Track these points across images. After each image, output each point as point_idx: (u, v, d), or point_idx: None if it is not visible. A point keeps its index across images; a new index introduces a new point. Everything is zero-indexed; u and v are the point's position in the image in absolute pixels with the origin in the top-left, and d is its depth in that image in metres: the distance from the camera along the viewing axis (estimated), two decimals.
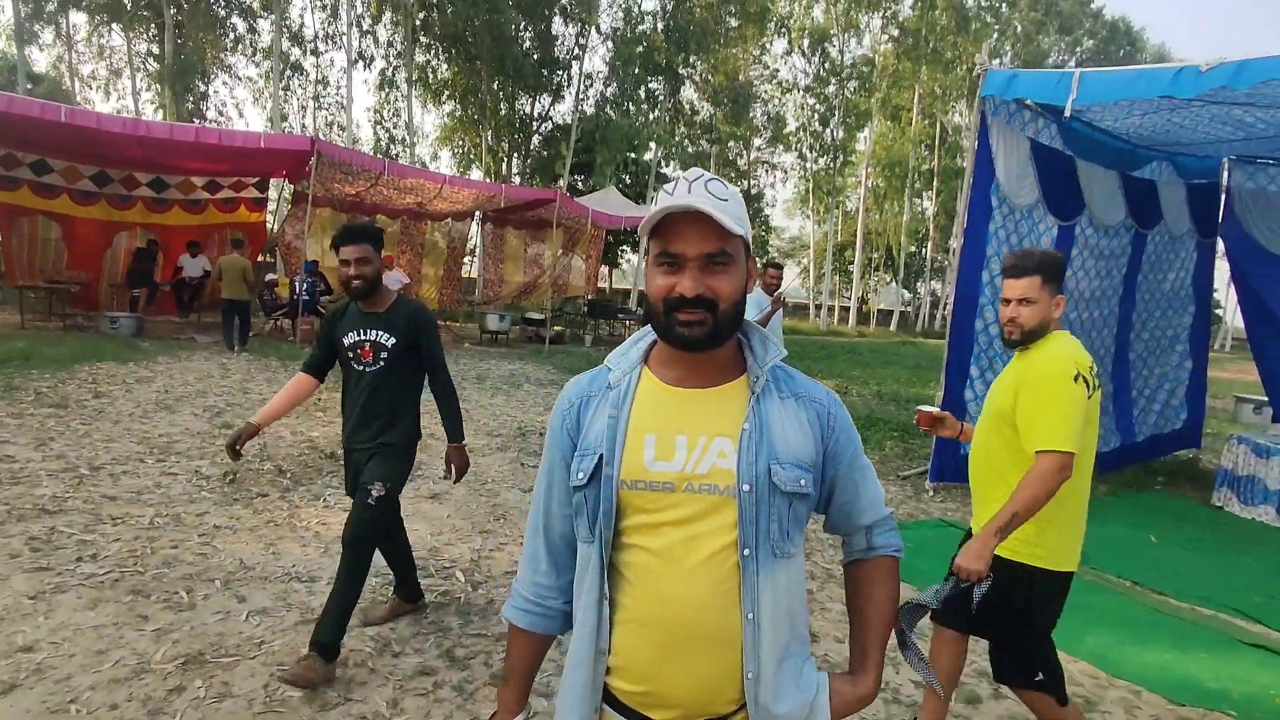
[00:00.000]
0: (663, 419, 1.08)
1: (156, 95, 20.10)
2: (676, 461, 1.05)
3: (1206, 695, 3.01)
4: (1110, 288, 6.67)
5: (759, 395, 1.09)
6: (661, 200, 1.04)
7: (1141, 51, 36.10)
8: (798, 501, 1.07)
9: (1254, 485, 5.89)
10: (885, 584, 1.20)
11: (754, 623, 1.04)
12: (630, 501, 1.07)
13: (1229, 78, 4.05)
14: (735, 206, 1.04)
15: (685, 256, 1.02)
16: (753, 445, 1.04)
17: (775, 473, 1.04)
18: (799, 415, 1.10)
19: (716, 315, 1.03)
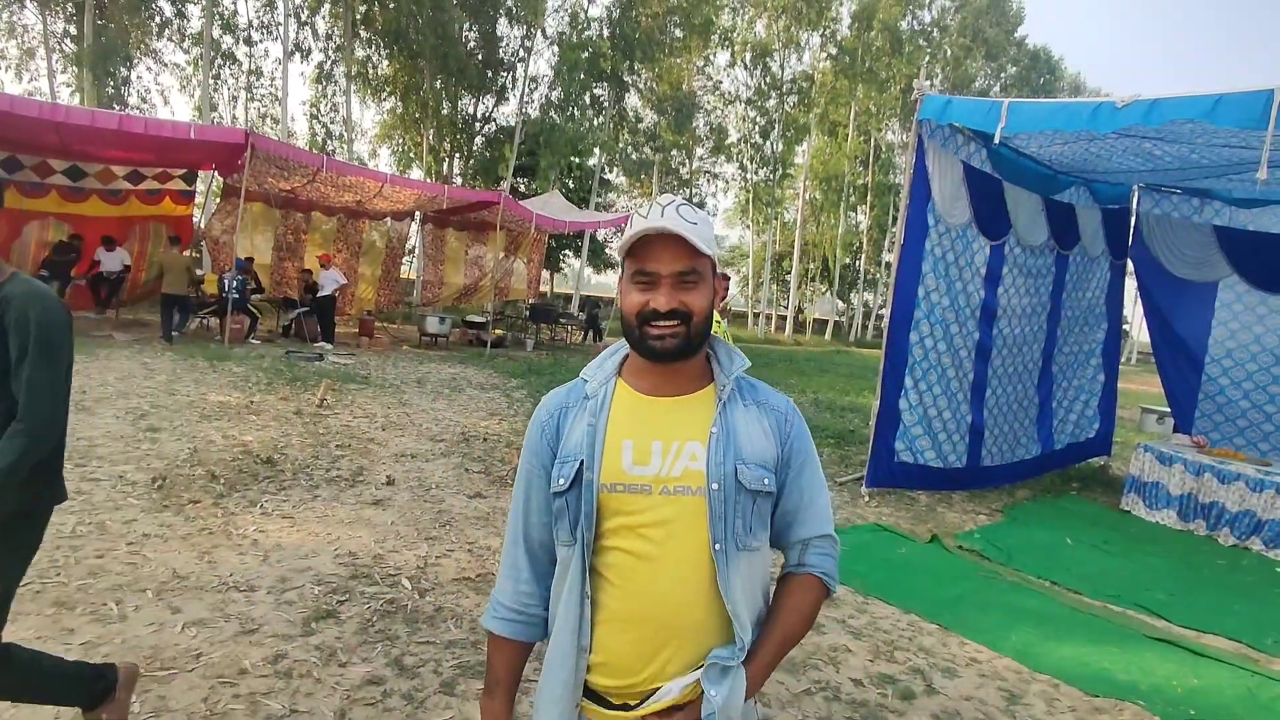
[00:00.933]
0: (639, 425, 1.16)
1: (74, 78, 19.00)
2: (652, 465, 1.13)
3: (1118, 687, 3.23)
4: (1039, 304, 7.08)
5: (725, 402, 1.17)
6: (636, 223, 1.12)
7: (1060, 79, 38.18)
8: (761, 499, 1.15)
9: (1158, 491, 6.31)
10: (800, 596, 1.21)
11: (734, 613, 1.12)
12: (609, 504, 1.13)
13: (1141, 116, 4.41)
14: (704, 229, 1.13)
15: (659, 274, 1.11)
16: (720, 448, 1.13)
17: (741, 472, 1.13)
18: (761, 421, 1.19)
19: (689, 327, 1.12)
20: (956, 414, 6.37)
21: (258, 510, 4.37)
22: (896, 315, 5.92)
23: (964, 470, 6.50)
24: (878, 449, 5.98)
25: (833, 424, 9.19)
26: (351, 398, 8.04)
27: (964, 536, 5.27)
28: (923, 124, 5.61)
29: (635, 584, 1.12)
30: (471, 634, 3.14)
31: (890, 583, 4.22)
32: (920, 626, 3.70)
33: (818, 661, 3.19)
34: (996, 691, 3.10)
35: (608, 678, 1.14)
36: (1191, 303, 7.58)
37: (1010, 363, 6.91)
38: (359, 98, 23.16)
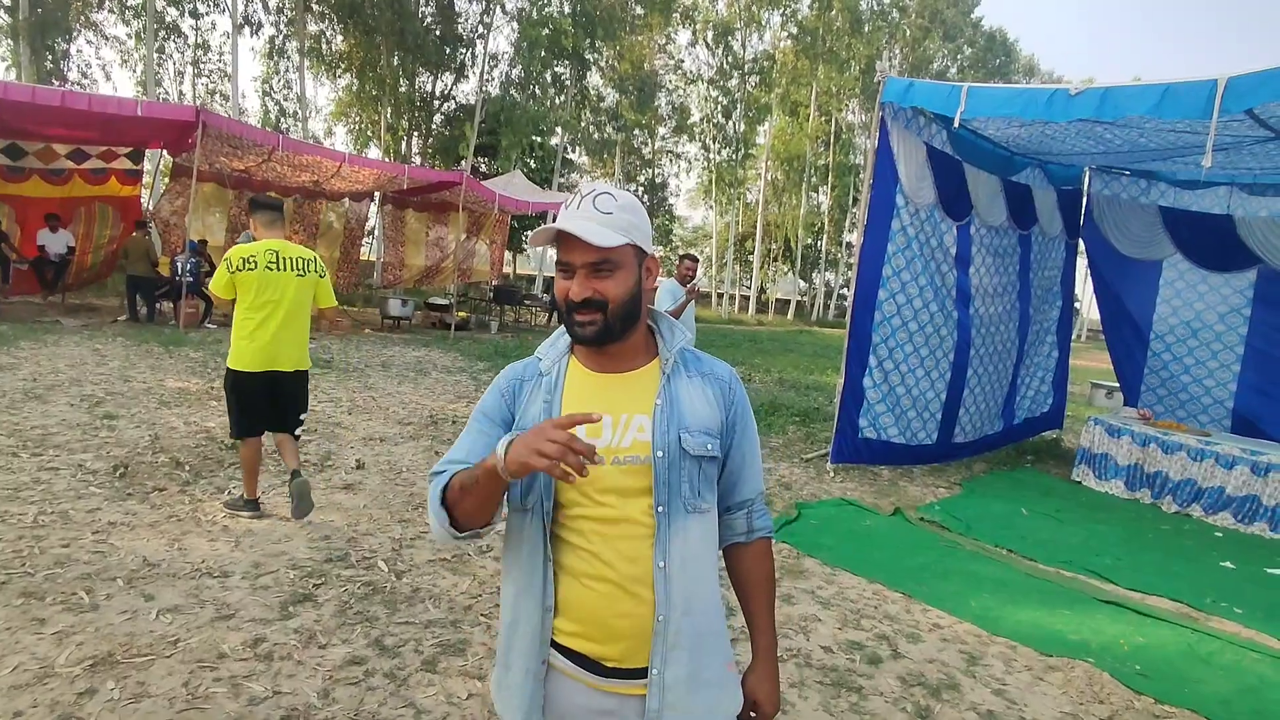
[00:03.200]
0: (589, 401, 1.23)
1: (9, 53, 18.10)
2: (604, 438, 1.20)
3: (1070, 646, 3.42)
4: (1010, 283, 7.29)
5: (669, 375, 1.26)
6: (560, 215, 1.20)
7: (1015, 61, 38.86)
8: (706, 463, 1.24)
9: (1106, 462, 6.60)
10: (765, 564, 1.40)
11: (664, 571, 1.19)
12: None
13: (1094, 109, 4.57)
14: (622, 217, 1.17)
15: (574, 264, 1.17)
16: (664, 418, 1.22)
17: (684, 440, 1.21)
18: (705, 391, 1.28)
19: (607, 315, 1.17)
20: (927, 393, 6.53)
21: (225, 496, 4.31)
22: (860, 296, 6.04)
23: (934, 447, 6.70)
24: (842, 426, 6.12)
25: (797, 402, 9.36)
26: (315, 382, 7.92)
27: (925, 509, 5.45)
28: (885, 106, 5.70)
29: (595, 545, 1.19)
30: (450, 613, 3.18)
31: (856, 555, 4.37)
32: (885, 595, 3.84)
33: (789, 630, 3.30)
34: (958, 654, 3.25)
35: (574, 630, 1.21)
36: (1138, 281, 7.88)
37: (990, 342, 7.11)
38: (313, 74, 22.52)
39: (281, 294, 3.89)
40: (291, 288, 3.92)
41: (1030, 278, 7.59)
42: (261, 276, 3.84)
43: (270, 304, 3.87)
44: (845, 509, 5.28)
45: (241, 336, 3.88)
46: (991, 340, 7.15)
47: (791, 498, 5.39)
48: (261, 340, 3.87)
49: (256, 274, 3.83)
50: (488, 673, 2.74)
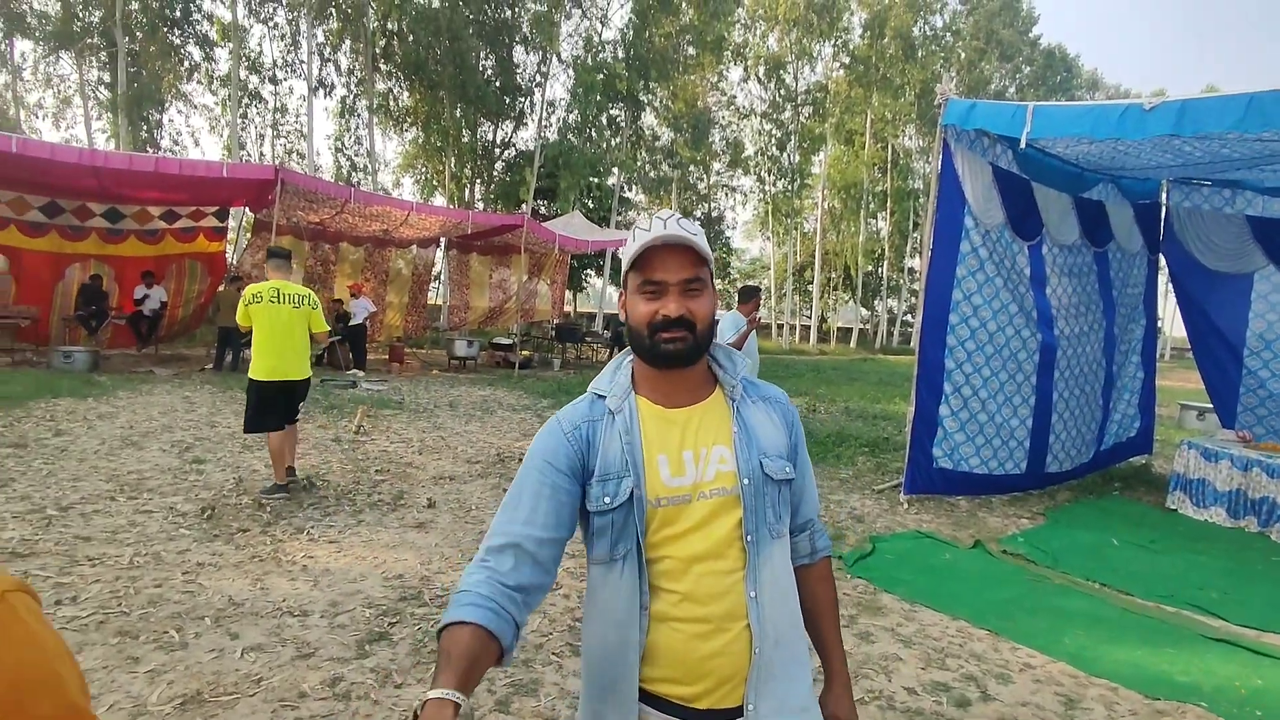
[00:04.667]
0: (668, 439, 1.20)
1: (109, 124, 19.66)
2: (689, 475, 1.18)
3: (1179, 689, 3.17)
4: (1092, 302, 6.99)
5: (738, 403, 1.25)
6: (639, 236, 1.17)
7: (1077, 77, 37.85)
8: (785, 487, 1.25)
9: (1204, 488, 6.18)
10: (830, 584, 1.40)
11: (757, 602, 1.17)
12: (654, 518, 1.16)
13: (1172, 125, 4.37)
14: (702, 240, 1.19)
15: (667, 283, 1.16)
16: (745, 445, 1.21)
17: (766, 465, 1.21)
18: (770, 415, 1.28)
19: (695, 334, 1.17)
20: (1011, 420, 6.26)
21: (304, 536, 4.45)
22: (929, 321, 5.88)
23: (1023, 476, 6.42)
24: (915, 456, 5.93)
25: (865, 432, 9.12)
26: (387, 423, 8.17)
27: (1008, 541, 5.20)
28: (947, 129, 5.61)
29: (684, 585, 1.16)
30: (521, 652, 3.17)
31: (935, 589, 4.18)
32: (970, 633, 3.66)
33: (869, 671, 3.17)
34: (1054, 697, 3.06)
35: (667, 678, 1.16)
36: (1227, 295, 7.43)
37: (1076, 364, 6.81)
38: (381, 129, 23.66)
39: (282, 323, 5.07)
40: (287, 318, 5.10)
41: (1113, 296, 7.26)
42: (267, 308, 5.04)
43: (274, 329, 5.06)
44: (922, 542, 5.08)
45: (258, 355, 5.12)
46: (1077, 362, 6.85)
47: (865, 530, 5.23)
48: (272, 357, 5.08)
49: (264, 306, 5.02)
50: (560, 713, 2.72)
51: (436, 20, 20.08)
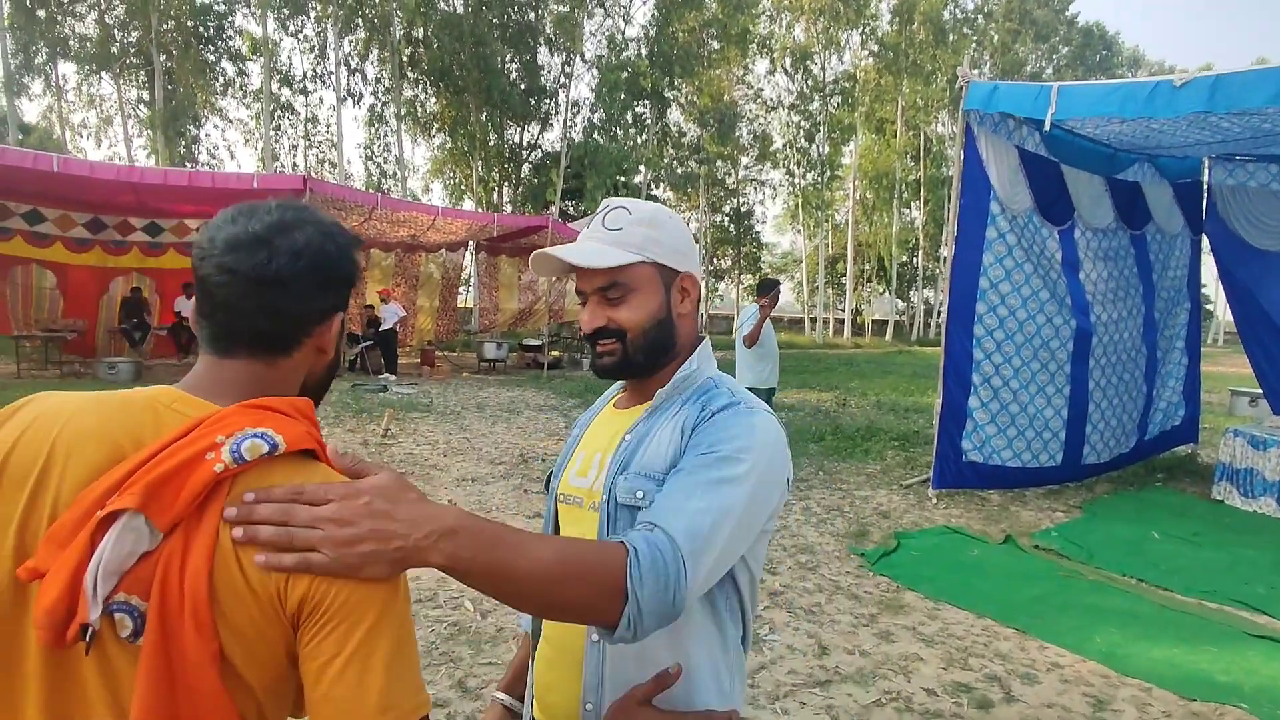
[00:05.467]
0: (594, 438, 1.13)
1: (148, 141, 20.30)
2: (589, 478, 1.07)
3: (1218, 689, 3.02)
4: (1130, 287, 6.76)
5: (652, 409, 1.06)
6: None
7: (1117, 55, 36.68)
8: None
9: (1253, 477, 5.91)
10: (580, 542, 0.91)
11: (599, 648, 0.97)
12: (562, 515, 1.12)
13: (1205, 101, 4.17)
14: (635, 231, 1.01)
15: (585, 292, 1.05)
16: (619, 458, 1.03)
17: (618, 484, 1.00)
18: (677, 424, 1.01)
19: (626, 344, 1.02)
20: (1045, 410, 6.08)
21: None
22: (955, 311, 5.74)
23: (1059, 469, 6.23)
24: (943, 449, 5.79)
25: (896, 426, 8.95)
26: (415, 426, 8.26)
27: (1041, 535, 5.04)
28: (970, 112, 5.45)
29: None
30: None
31: (962, 586, 4.07)
32: (996, 631, 3.54)
33: (887, 671, 3.09)
34: (1081, 698, 2.94)
35: (536, 698, 1.10)
36: (1277, 274, 7.10)
37: (1113, 351, 6.59)
38: (409, 136, 24.01)
39: None
40: None
41: (1154, 280, 6.99)
42: None
43: None
44: (949, 538, 4.95)
45: None
46: (1115, 349, 6.61)
47: (890, 527, 5.11)
48: None
49: None
50: None
51: (461, 26, 20.28)
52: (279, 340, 0.80)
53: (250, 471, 0.69)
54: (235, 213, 0.80)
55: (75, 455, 0.70)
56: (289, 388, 0.83)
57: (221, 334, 0.79)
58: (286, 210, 0.81)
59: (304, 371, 0.85)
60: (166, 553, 0.66)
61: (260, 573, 0.67)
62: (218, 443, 0.68)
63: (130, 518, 0.64)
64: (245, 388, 0.77)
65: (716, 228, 32.95)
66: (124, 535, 0.64)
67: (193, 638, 0.65)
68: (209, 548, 0.66)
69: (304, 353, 0.83)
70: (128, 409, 0.74)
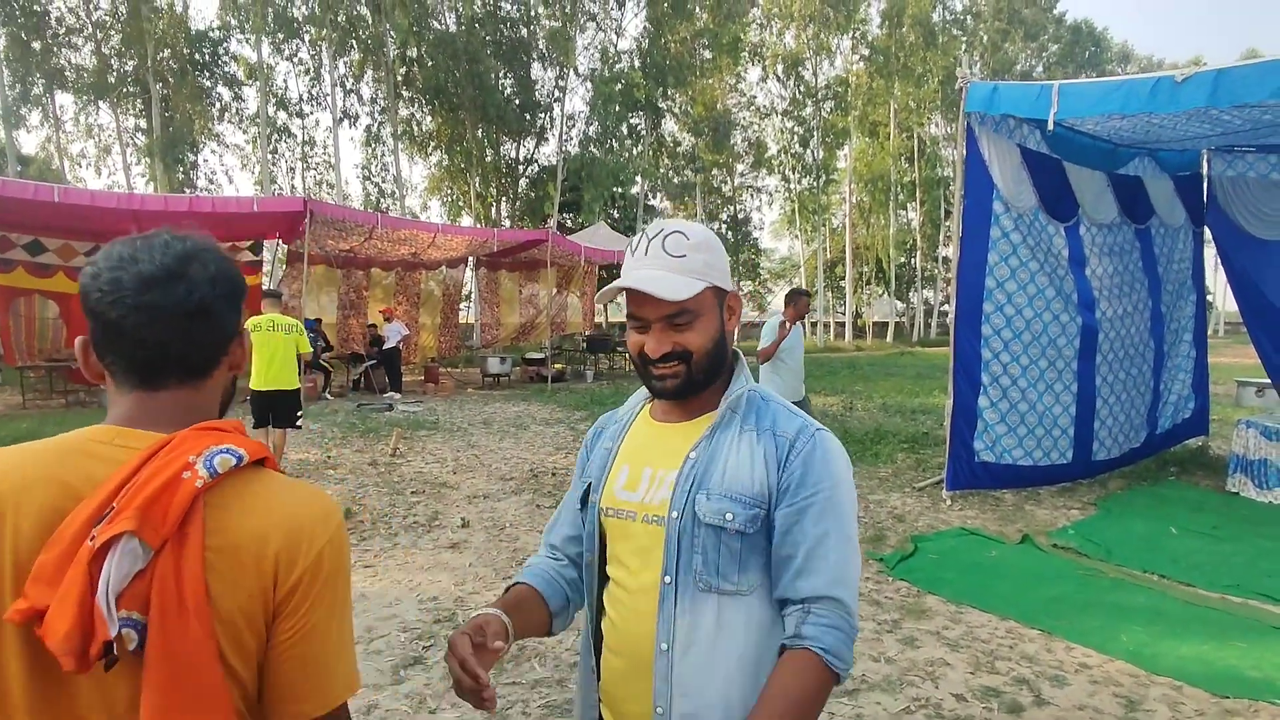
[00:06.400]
0: (638, 451, 1.15)
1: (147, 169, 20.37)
2: (639, 492, 1.10)
3: (1250, 685, 2.99)
4: (1136, 281, 6.75)
5: (717, 425, 1.10)
6: (625, 261, 1.10)
7: (1106, 50, 36.85)
8: (729, 537, 1.02)
9: (1266, 468, 5.88)
10: (789, 675, 0.97)
11: (667, 656, 1.02)
12: (607, 528, 1.14)
13: (1207, 97, 4.17)
14: (696, 258, 1.05)
15: (648, 319, 1.06)
16: (690, 475, 1.06)
17: (699, 503, 1.03)
18: (755, 448, 1.06)
19: (690, 365, 1.07)
20: (1053, 408, 6.06)
21: None
22: (962, 311, 5.73)
23: (1070, 466, 6.20)
24: (955, 450, 5.76)
25: (904, 428, 8.92)
26: (423, 444, 8.24)
27: (1057, 534, 5.01)
28: (971, 114, 5.46)
29: (616, 610, 1.11)
30: (555, 671, 3.13)
31: (983, 588, 4.04)
32: (1020, 633, 3.51)
33: (914, 678, 3.06)
34: (1112, 698, 2.91)
35: (605, 704, 1.14)
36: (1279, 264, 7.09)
37: (1120, 346, 6.58)
38: (406, 155, 24.10)
39: (273, 346, 6.47)
40: (279, 341, 6.53)
41: (1159, 273, 6.98)
42: (264, 335, 6.43)
43: (268, 350, 6.42)
44: (966, 539, 4.92)
45: (256, 371, 6.38)
46: (1122, 344, 6.60)
47: (906, 531, 5.08)
48: (265, 372, 6.41)
49: (261, 334, 6.41)
50: None
51: (454, 44, 20.39)
52: (204, 365, 0.86)
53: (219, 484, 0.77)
54: (129, 250, 0.82)
55: (25, 503, 0.75)
56: (214, 405, 0.89)
57: (149, 368, 0.82)
58: (175, 239, 0.85)
59: (223, 388, 0.91)
60: (160, 566, 0.72)
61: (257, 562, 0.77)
62: (190, 462, 0.76)
63: (127, 540, 0.71)
64: (181, 414, 0.83)
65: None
66: (124, 557, 0.70)
67: (196, 638, 0.72)
68: (199, 555, 0.74)
69: (222, 370, 0.89)
70: (65, 453, 0.79)
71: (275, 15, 18.94)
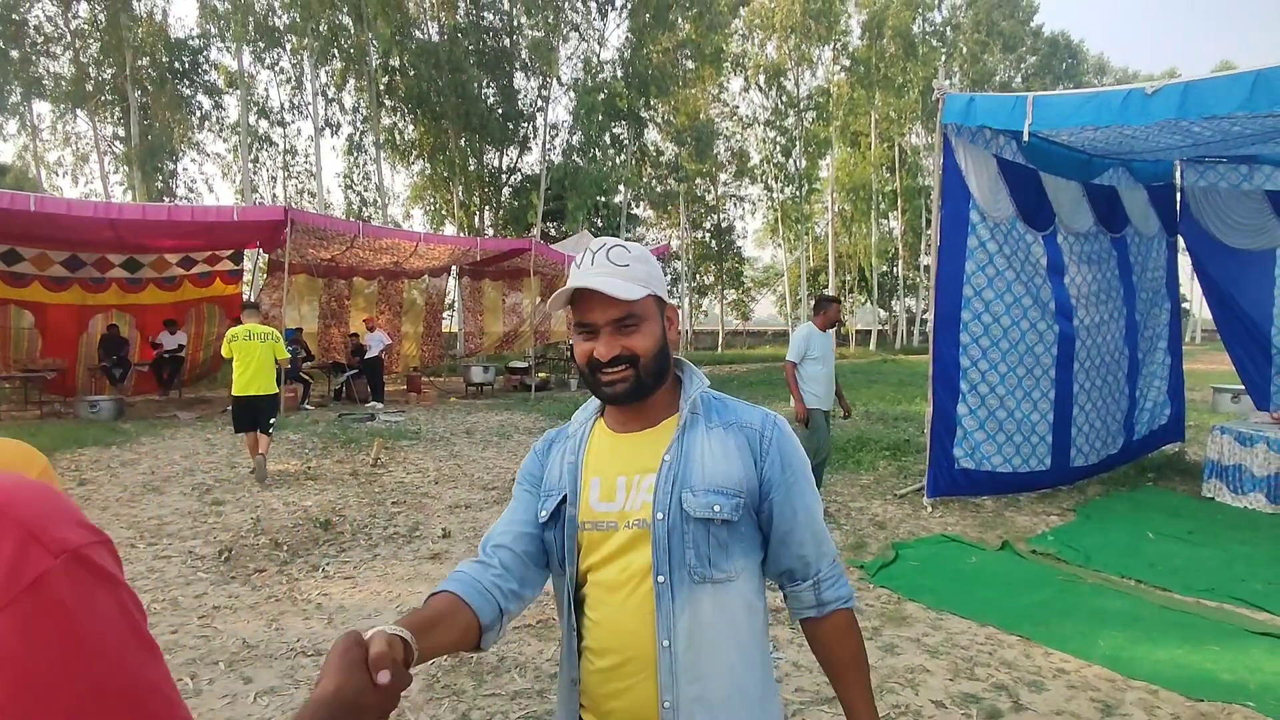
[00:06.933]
0: (605, 462, 1.18)
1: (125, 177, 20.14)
2: (618, 501, 1.14)
3: (1223, 688, 3.03)
4: (1112, 289, 6.84)
5: (684, 427, 1.16)
6: (571, 274, 1.14)
7: (1083, 62, 37.49)
8: (717, 528, 1.10)
9: (1241, 474, 5.98)
10: (848, 641, 1.20)
11: (670, 650, 1.08)
12: (585, 540, 1.15)
13: (1176, 109, 4.26)
14: (638, 269, 1.12)
15: (596, 324, 1.11)
16: (669, 475, 1.12)
17: (686, 500, 1.09)
18: (726, 442, 1.15)
19: (638, 369, 1.12)
20: (1031, 415, 6.13)
21: (320, 574, 4.44)
22: (941, 319, 5.78)
23: (1049, 473, 6.26)
24: (936, 457, 5.81)
25: (886, 435, 8.98)
26: (404, 454, 8.18)
27: (1037, 540, 5.05)
28: (947, 125, 5.53)
29: (602, 616, 1.13)
30: (536, 682, 3.11)
31: (963, 595, 4.06)
32: (1000, 639, 3.54)
33: (894, 685, 3.07)
34: (1089, 703, 2.93)
35: (588, 711, 1.15)
36: (1251, 273, 7.22)
37: (1096, 354, 6.66)
38: (389, 164, 24.01)
39: (251, 353, 6.90)
40: (257, 349, 6.93)
41: (1134, 282, 7.09)
42: (243, 344, 6.89)
43: (247, 358, 6.89)
44: (947, 546, 4.95)
45: (236, 378, 6.92)
46: (1098, 352, 6.69)
47: (887, 538, 5.11)
48: (245, 378, 6.87)
49: (240, 343, 6.88)
50: None
51: (437, 53, 20.38)
52: None
53: None
54: None
55: None
56: None
57: None
58: None
59: None
60: None
61: None
62: None
63: None
64: None
65: (698, 244, 33.11)
66: None
67: None
68: None
69: None
70: None
71: (256, 24, 18.84)
